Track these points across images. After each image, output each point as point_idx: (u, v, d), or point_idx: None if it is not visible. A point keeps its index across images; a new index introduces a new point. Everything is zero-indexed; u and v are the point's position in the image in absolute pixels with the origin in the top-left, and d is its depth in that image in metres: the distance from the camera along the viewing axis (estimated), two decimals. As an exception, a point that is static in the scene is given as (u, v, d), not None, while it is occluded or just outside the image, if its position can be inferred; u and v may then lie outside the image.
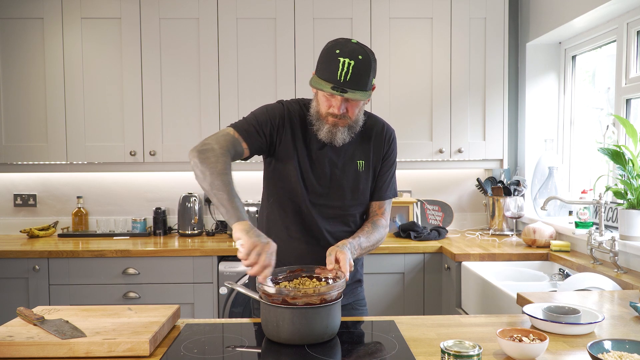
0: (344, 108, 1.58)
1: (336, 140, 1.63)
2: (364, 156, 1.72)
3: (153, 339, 1.30)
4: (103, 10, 3.06)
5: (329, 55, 1.54)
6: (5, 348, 1.25)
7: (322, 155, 1.68)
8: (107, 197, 3.44)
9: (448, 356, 1.09)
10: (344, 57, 1.50)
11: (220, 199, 1.46)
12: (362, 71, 1.52)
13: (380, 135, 1.75)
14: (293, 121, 1.68)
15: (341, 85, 1.51)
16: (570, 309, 1.46)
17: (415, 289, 2.91)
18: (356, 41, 1.56)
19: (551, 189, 3.01)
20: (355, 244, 1.61)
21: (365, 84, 1.54)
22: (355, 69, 1.50)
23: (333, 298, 1.36)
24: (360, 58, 1.51)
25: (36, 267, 2.80)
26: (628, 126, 2.31)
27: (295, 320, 1.31)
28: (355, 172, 1.70)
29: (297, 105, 1.71)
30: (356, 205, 1.74)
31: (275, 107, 1.70)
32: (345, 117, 1.60)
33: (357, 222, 1.76)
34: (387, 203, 1.79)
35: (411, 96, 3.16)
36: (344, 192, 1.70)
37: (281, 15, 3.08)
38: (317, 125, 1.63)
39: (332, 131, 1.61)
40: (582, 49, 3.05)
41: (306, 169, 1.67)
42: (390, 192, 1.79)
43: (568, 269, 2.46)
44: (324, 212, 1.70)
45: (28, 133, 3.09)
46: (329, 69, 1.52)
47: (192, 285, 2.84)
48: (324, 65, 1.54)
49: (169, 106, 3.10)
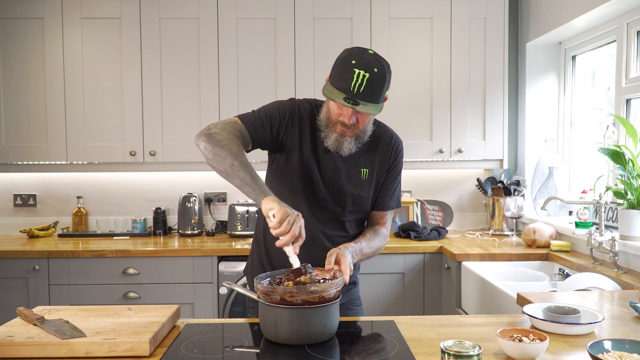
0: (354, 119, 1.57)
1: (343, 150, 1.63)
2: (369, 165, 1.72)
3: (153, 339, 1.30)
4: (103, 10, 3.06)
5: (344, 64, 1.51)
6: (5, 348, 1.25)
7: (327, 158, 1.68)
8: (107, 197, 3.44)
9: (448, 356, 1.09)
10: (359, 69, 1.48)
11: (243, 179, 1.46)
12: (377, 84, 1.50)
13: (388, 146, 1.74)
14: (303, 120, 1.67)
15: (354, 97, 1.49)
16: (570, 309, 1.46)
17: (415, 289, 2.91)
18: (373, 52, 1.54)
19: (551, 189, 3.01)
20: (357, 249, 1.61)
21: (378, 97, 1.52)
22: (370, 81, 1.49)
23: (331, 297, 1.36)
24: (375, 71, 1.50)
25: (36, 267, 2.80)
26: (628, 126, 2.31)
27: (294, 320, 1.31)
28: (358, 180, 1.70)
29: (308, 105, 1.71)
30: (356, 212, 1.74)
31: (286, 103, 1.69)
32: (354, 127, 1.59)
33: (354, 228, 1.77)
34: (389, 213, 1.80)
35: (411, 96, 3.16)
36: (345, 198, 1.70)
37: (281, 15, 3.08)
38: (325, 132, 1.63)
39: (339, 140, 1.61)
40: (582, 49, 3.05)
41: (310, 169, 1.67)
42: (393, 202, 1.78)
43: (568, 269, 2.46)
44: (322, 215, 1.70)
45: (28, 133, 3.09)
46: (344, 79, 1.50)
47: (192, 285, 2.84)
48: (338, 74, 1.52)
49: (169, 106, 3.10)
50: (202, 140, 1.51)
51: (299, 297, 1.32)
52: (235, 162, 1.46)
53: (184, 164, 3.13)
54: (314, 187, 1.68)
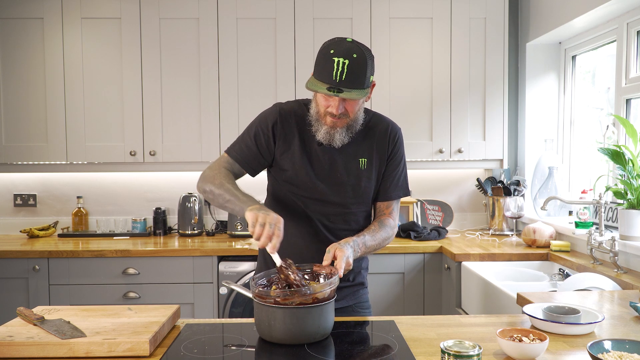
0: (342, 108, 1.58)
1: (334, 142, 1.63)
2: (367, 154, 1.71)
3: (153, 339, 1.30)
4: (103, 10, 3.06)
5: (324, 55, 1.53)
6: (5, 348, 1.25)
7: (321, 152, 1.68)
8: (107, 197, 3.44)
9: (448, 356, 1.09)
10: (338, 57, 1.50)
11: (231, 202, 1.56)
12: (358, 70, 1.51)
13: (384, 134, 1.74)
14: (288, 121, 1.69)
15: (337, 85, 1.50)
16: (570, 309, 1.46)
17: (415, 289, 2.91)
18: (351, 39, 1.56)
19: (551, 189, 3.01)
20: (360, 242, 1.60)
21: (362, 82, 1.53)
22: (350, 67, 1.50)
23: (326, 296, 1.35)
24: (355, 57, 1.51)
25: (36, 267, 2.80)
26: (628, 126, 2.31)
27: (287, 320, 1.31)
28: (357, 170, 1.70)
29: (295, 104, 1.73)
30: (357, 204, 1.73)
31: (268, 113, 1.72)
32: (343, 117, 1.60)
33: (359, 222, 1.75)
34: (394, 203, 1.78)
35: (411, 96, 3.16)
36: (345, 190, 1.69)
37: (281, 15, 3.08)
38: (315, 126, 1.64)
39: (330, 132, 1.62)
40: (582, 49, 3.05)
41: (304, 165, 1.67)
42: (397, 191, 1.77)
43: (568, 269, 2.46)
44: (323, 210, 1.70)
45: (28, 133, 3.09)
46: (325, 70, 1.52)
47: (192, 285, 2.84)
48: (319, 66, 1.54)
49: (169, 106, 3.10)
50: (199, 187, 1.67)
51: (292, 299, 1.31)
52: (222, 191, 1.58)
53: (184, 164, 3.13)
54: (312, 183, 1.68)
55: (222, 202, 1.59)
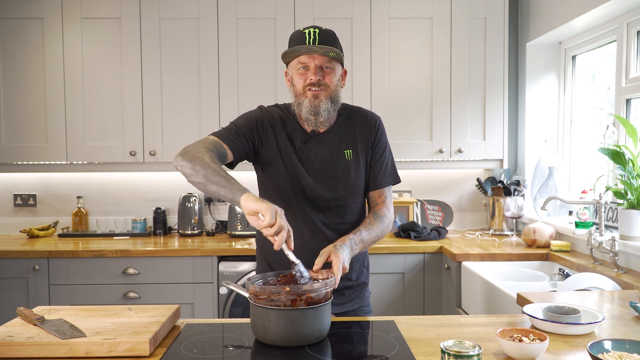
0: (321, 75, 1.64)
1: (320, 112, 1.65)
2: (351, 145, 1.73)
3: (153, 339, 1.30)
4: (103, 10, 3.06)
5: (294, 35, 1.66)
6: (5, 348, 1.25)
7: (307, 149, 1.69)
8: (107, 197, 3.44)
9: (448, 356, 1.09)
10: (308, 29, 1.63)
11: (218, 183, 1.45)
12: (328, 37, 1.63)
13: (365, 123, 1.76)
14: (273, 122, 1.72)
15: (312, 46, 1.60)
16: (570, 309, 1.46)
17: (415, 289, 2.91)
18: None
19: (551, 189, 3.01)
20: (357, 239, 1.58)
21: (335, 45, 1.64)
22: (322, 34, 1.62)
23: (321, 298, 1.33)
24: (323, 28, 1.65)
25: (36, 267, 2.80)
26: (628, 126, 2.31)
27: (281, 322, 1.29)
28: (344, 162, 1.71)
29: (276, 107, 1.78)
30: (350, 195, 1.73)
31: (253, 112, 1.76)
32: (323, 86, 1.64)
33: (354, 213, 1.75)
34: (386, 190, 1.77)
35: (411, 96, 3.15)
36: (335, 183, 1.70)
37: (281, 15, 3.08)
38: (298, 108, 1.67)
39: (313, 103, 1.64)
40: (582, 49, 3.05)
41: (293, 164, 1.68)
42: (387, 179, 1.77)
43: (568, 269, 2.46)
44: (317, 205, 1.70)
45: (28, 133, 3.09)
46: (298, 39, 1.64)
47: (192, 285, 2.84)
48: (293, 43, 1.66)
49: (169, 106, 3.10)
50: (178, 160, 1.54)
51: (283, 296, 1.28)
52: (208, 171, 1.47)
53: (184, 164, 3.13)
54: (303, 180, 1.68)
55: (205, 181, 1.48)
